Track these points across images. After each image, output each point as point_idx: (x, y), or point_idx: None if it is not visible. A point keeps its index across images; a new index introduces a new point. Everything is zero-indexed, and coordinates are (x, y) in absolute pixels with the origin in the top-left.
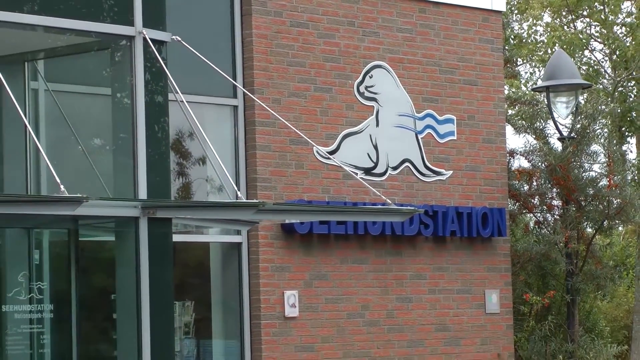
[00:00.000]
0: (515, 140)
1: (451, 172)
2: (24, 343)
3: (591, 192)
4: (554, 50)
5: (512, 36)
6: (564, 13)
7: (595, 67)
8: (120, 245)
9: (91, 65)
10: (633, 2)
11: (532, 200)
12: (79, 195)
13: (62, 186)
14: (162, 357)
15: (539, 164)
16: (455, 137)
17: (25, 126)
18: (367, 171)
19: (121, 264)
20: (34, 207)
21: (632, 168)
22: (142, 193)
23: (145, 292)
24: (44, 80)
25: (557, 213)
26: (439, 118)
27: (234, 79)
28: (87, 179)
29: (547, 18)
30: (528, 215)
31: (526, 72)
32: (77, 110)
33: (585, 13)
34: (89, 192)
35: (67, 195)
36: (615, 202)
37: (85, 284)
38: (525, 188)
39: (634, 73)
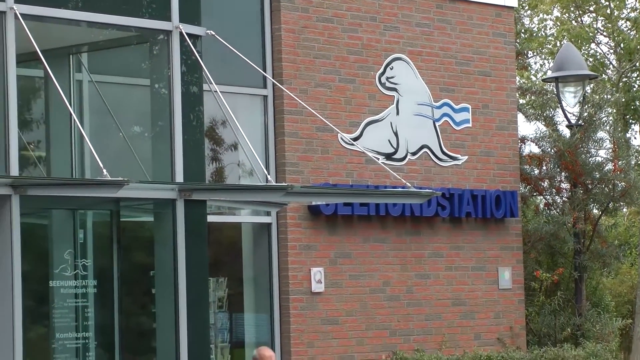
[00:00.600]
0: (526, 127)
1: (466, 157)
2: (69, 316)
3: (597, 176)
4: (562, 43)
5: (523, 30)
6: (572, 8)
7: (601, 59)
8: (159, 225)
9: (131, 58)
10: None
11: (542, 184)
12: (120, 178)
13: (104, 170)
14: (198, 329)
15: (549, 149)
16: (470, 125)
17: (71, 115)
18: (388, 156)
19: (159, 243)
20: (79, 190)
21: (636, 153)
22: (179, 177)
23: (182, 269)
24: (87, 72)
25: (565, 195)
26: (455, 107)
27: (264, 70)
28: (128, 163)
29: (556, 13)
30: (538, 197)
31: (536, 64)
32: (118, 100)
33: (591, 8)
34: (130, 175)
35: (109, 178)
36: (619, 185)
37: (126, 261)
38: (536, 172)
39: (638, 64)
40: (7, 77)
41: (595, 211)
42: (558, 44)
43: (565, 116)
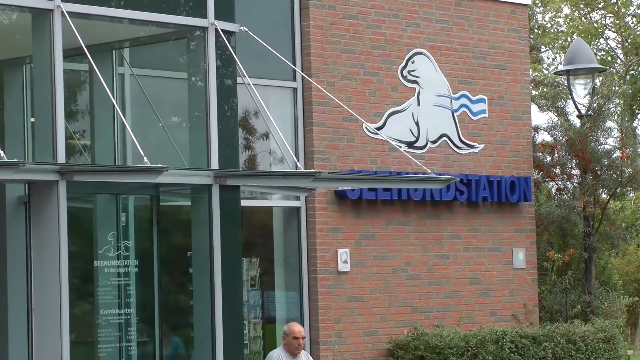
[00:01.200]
0: (539, 117)
1: (483, 145)
2: (112, 293)
3: (606, 162)
4: (572, 38)
5: (536, 26)
6: (581, 5)
7: (610, 53)
8: (195, 209)
9: (170, 53)
10: None
11: (554, 170)
12: (159, 165)
13: (145, 158)
14: (232, 306)
15: (560, 138)
16: (486, 115)
17: (113, 106)
18: (410, 144)
19: (196, 226)
20: (121, 176)
21: None
22: (214, 164)
23: (217, 250)
24: (129, 66)
25: (575, 181)
26: (472, 98)
27: (294, 64)
28: (167, 151)
29: (566, 10)
30: (550, 183)
31: (548, 58)
32: (157, 92)
33: (600, 5)
34: (168, 163)
35: (150, 165)
36: (627, 171)
37: (165, 242)
38: (548, 159)
39: None
40: (54, 71)
41: (603, 196)
42: (569, 39)
43: (576, 107)
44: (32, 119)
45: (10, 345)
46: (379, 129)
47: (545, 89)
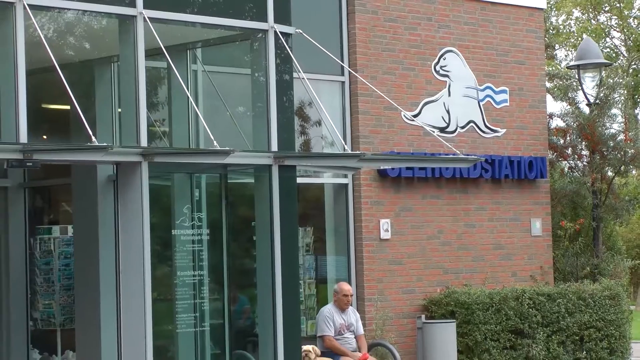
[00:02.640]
0: (553, 105)
1: (505, 130)
2: (187, 258)
3: (611, 144)
4: (582, 37)
5: (551, 27)
6: (590, 9)
7: (614, 50)
8: (258, 185)
9: (236, 52)
10: None
11: (566, 151)
12: (227, 148)
13: (215, 142)
14: (289, 268)
15: (572, 123)
16: (508, 104)
17: (188, 98)
18: (442, 130)
19: (259, 200)
20: (195, 157)
21: None
22: (274, 147)
23: (277, 221)
24: (201, 64)
25: (585, 160)
26: (496, 89)
27: (342, 61)
28: (233, 136)
29: (577, 13)
30: (563, 162)
31: (561, 55)
32: (225, 86)
33: (606, 8)
34: (235, 146)
35: (219, 148)
36: (629, 152)
37: (232, 214)
38: (561, 142)
39: None
40: (137, 68)
41: (609, 173)
42: (579, 39)
43: (585, 97)
44: (119, 109)
45: (101, 302)
46: (415, 116)
47: (558, 82)
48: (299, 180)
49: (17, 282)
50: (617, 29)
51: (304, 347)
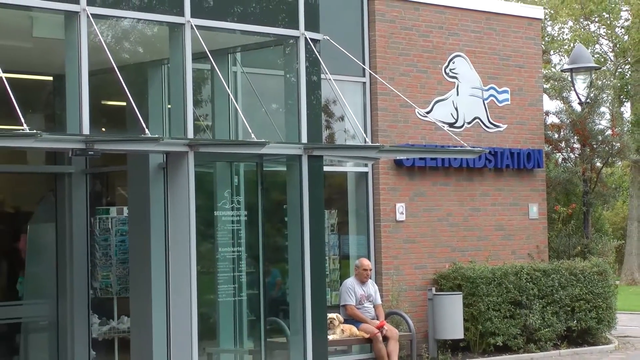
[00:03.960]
0: (549, 104)
1: (506, 125)
2: (227, 236)
3: (600, 138)
4: (574, 44)
5: (547, 35)
6: (581, 19)
7: (603, 55)
8: (290, 173)
9: (270, 56)
10: (629, 11)
11: (560, 144)
12: (263, 140)
13: (252, 134)
14: (316, 245)
15: (565, 120)
16: (509, 102)
17: (229, 96)
18: (451, 125)
19: (290, 185)
20: (235, 148)
21: (627, 122)
22: (304, 139)
23: (306, 204)
24: (240, 66)
25: (577, 153)
26: (498, 90)
27: (363, 64)
28: (268, 130)
29: (570, 23)
30: (557, 154)
31: (556, 59)
32: (261, 85)
33: (596, 19)
34: (269, 138)
35: (256, 140)
36: (616, 145)
37: (267, 198)
38: (556, 136)
39: (629, 59)
40: (185, 70)
41: (598, 164)
42: (571, 45)
43: (577, 96)
44: (169, 106)
45: (152, 274)
46: (427, 113)
47: (553, 83)
48: (325, 168)
49: (80, 256)
50: (606, 37)
51: (329, 315)
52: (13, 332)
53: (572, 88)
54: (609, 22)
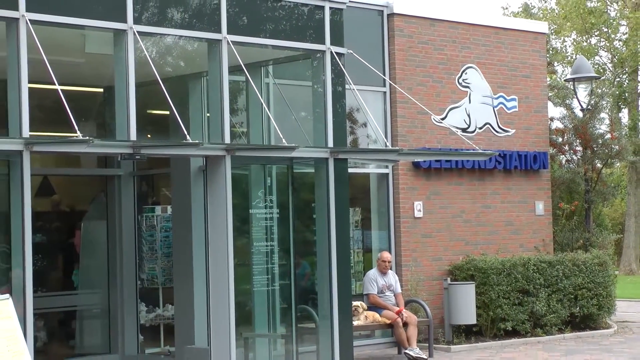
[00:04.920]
0: (554, 110)
1: (514, 130)
2: (261, 231)
3: (600, 142)
4: (576, 56)
5: (551, 48)
6: (582, 33)
7: (602, 66)
8: (317, 174)
9: (299, 68)
10: (626, 25)
11: (564, 147)
12: (293, 145)
13: (283, 139)
14: (342, 240)
15: (568, 125)
16: (517, 109)
17: (262, 104)
18: (463, 130)
19: (318, 185)
20: (267, 152)
21: (625, 127)
22: (330, 143)
23: (332, 202)
24: (272, 78)
25: (579, 155)
26: (507, 98)
27: (384, 75)
28: (297, 135)
29: (572, 36)
30: (561, 156)
31: (560, 70)
32: (291, 95)
33: (596, 33)
34: (299, 143)
35: (286, 144)
36: (615, 148)
37: (297, 197)
38: (560, 140)
39: (626, 69)
40: (222, 81)
41: (598, 165)
42: (574, 57)
43: (579, 103)
44: (208, 114)
45: (194, 266)
46: (442, 119)
47: (557, 91)
48: (350, 170)
49: (128, 250)
50: (605, 49)
51: (354, 303)
52: (69, 319)
53: (575, 96)
54: (608, 35)
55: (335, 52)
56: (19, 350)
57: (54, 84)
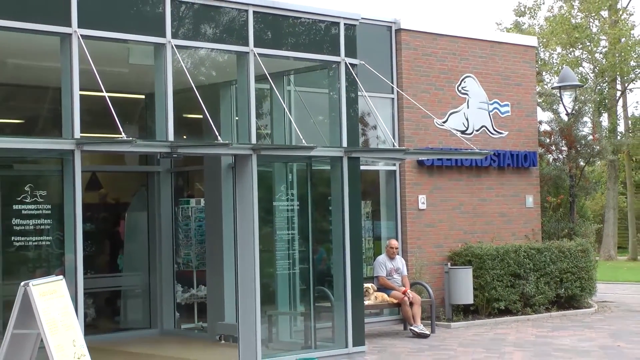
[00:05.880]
0: (542, 115)
1: (507, 132)
2: (283, 221)
3: (583, 142)
4: (562, 67)
5: (540, 59)
6: (568, 47)
7: (584, 76)
8: (333, 171)
9: (317, 77)
10: (606, 40)
11: (551, 147)
12: (311, 145)
13: (303, 140)
14: (354, 229)
15: (555, 128)
16: (509, 114)
17: (284, 109)
18: (462, 132)
19: (333, 181)
20: (289, 151)
21: (605, 130)
22: (344, 143)
23: (346, 196)
24: (293, 85)
25: (564, 154)
26: (501, 103)
27: (392, 83)
28: (315, 136)
29: (558, 49)
30: (549, 155)
31: (547, 79)
32: (310, 101)
33: (580, 46)
34: (316, 143)
35: (306, 144)
36: (596, 148)
37: (315, 191)
38: (547, 141)
39: (606, 79)
40: (249, 89)
41: (581, 163)
42: (560, 67)
43: (565, 108)
44: (237, 118)
45: (224, 251)
46: (443, 122)
47: (545, 98)
48: (361, 167)
49: (166, 238)
50: (587, 61)
51: (365, 285)
52: (115, 298)
53: (561, 102)
54: (590, 48)
55: (349, 63)
56: (71, 324)
57: (102, 91)
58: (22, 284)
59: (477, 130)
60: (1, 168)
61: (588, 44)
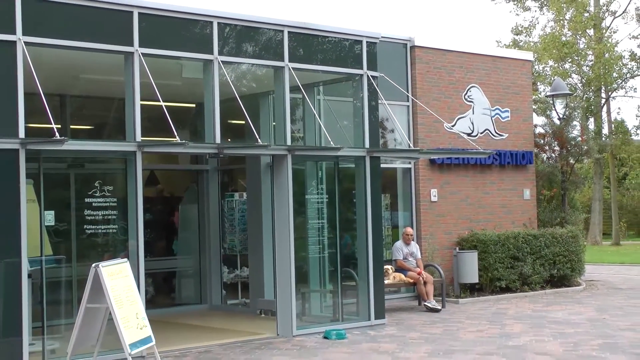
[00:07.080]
0: (537, 119)
1: (507, 134)
2: (314, 212)
3: (573, 143)
4: (554, 78)
5: (535, 72)
6: (559, 61)
7: (574, 86)
8: (357, 168)
9: (343, 88)
10: (592, 54)
11: (545, 147)
12: (338, 146)
13: (331, 142)
14: (376, 218)
15: (549, 130)
16: (509, 119)
17: (314, 115)
18: (468, 134)
19: (357, 178)
20: (319, 152)
21: (591, 132)
22: (367, 145)
23: (368, 190)
24: (322, 95)
25: (557, 153)
26: (502, 110)
27: (408, 92)
28: (342, 139)
29: (550, 63)
30: (543, 154)
31: (542, 88)
32: (337, 108)
33: (569, 60)
34: (343, 144)
35: (334, 146)
36: (584, 148)
37: (341, 186)
38: (542, 142)
39: (592, 88)
40: (285, 98)
41: (572, 161)
42: (552, 79)
43: (557, 114)
44: (274, 123)
45: (264, 238)
46: (452, 126)
47: (540, 105)
48: (381, 165)
49: (214, 226)
50: (576, 73)
51: (385, 266)
52: (171, 278)
53: (553, 108)
54: (578, 62)
55: (371, 76)
56: (135, 300)
57: (159, 101)
58: (93, 265)
59: (481, 133)
60: (75, 167)
61: (576, 58)
